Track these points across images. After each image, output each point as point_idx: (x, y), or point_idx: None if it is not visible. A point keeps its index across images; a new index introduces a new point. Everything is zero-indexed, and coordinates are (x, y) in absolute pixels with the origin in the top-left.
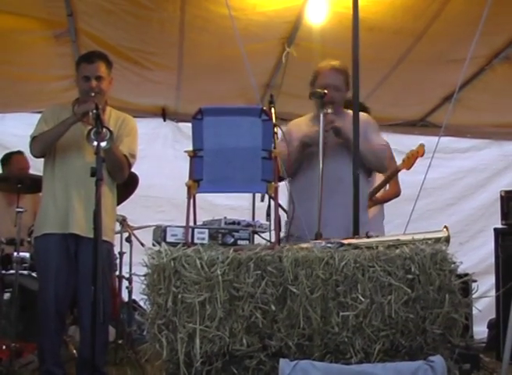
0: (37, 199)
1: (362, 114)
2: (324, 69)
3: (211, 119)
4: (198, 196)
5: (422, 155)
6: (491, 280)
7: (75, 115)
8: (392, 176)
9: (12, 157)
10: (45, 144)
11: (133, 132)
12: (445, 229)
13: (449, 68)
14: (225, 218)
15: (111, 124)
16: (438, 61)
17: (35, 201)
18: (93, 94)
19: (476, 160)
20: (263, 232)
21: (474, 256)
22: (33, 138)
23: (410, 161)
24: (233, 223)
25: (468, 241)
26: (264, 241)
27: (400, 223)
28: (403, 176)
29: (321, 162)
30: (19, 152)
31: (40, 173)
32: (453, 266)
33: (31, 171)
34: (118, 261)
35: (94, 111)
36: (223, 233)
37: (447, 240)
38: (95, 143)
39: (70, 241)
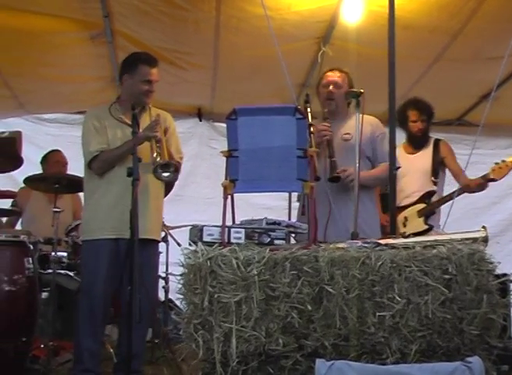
0: (77, 199)
1: (368, 116)
2: (326, 72)
3: (246, 119)
4: (235, 195)
5: None
6: None
7: (137, 137)
8: (481, 186)
9: (49, 155)
10: (109, 165)
11: (175, 130)
12: (483, 229)
13: (486, 66)
14: (265, 218)
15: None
16: (475, 59)
17: (74, 200)
18: (150, 97)
19: None
20: (302, 233)
21: None
22: (95, 157)
23: (502, 171)
24: (274, 223)
25: None
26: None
27: (443, 222)
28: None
29: (357, 160)
30: (56, 150)
31: (75, 173)
32: (490, 266)
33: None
34: None
35: (132, 112)
36: (259, 232)
37: (485, 240)
38: (164, 174)
39: (122, 242)
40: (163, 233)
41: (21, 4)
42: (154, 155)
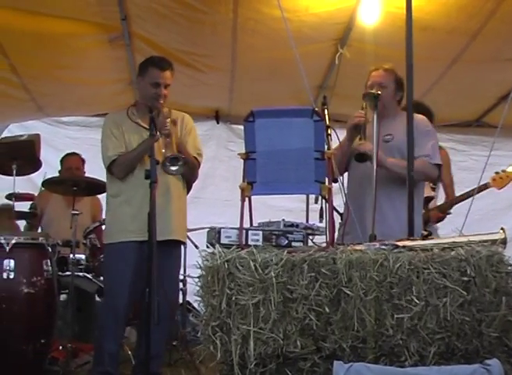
0: (96, 201)
1: (416, 115)
2: (371, 71)
3: (263, 121)
4: (253, 197)
5: None
6: None
7: (153, 135)
8: (478, 192)
9: (63, 159)
10: (130, 167)
11: (194, 130)
12: (502, 230)
13: (505, 67)
14: (283, 220)
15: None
16: (493, 60)
17: (94, 203)
18: (161, 101)
19: None
20: (320, 235)
21: None
22: (113, 161)
23: (502, 181)
24: (291, 225)
25: None
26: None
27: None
28: (464, 175)
29: (374, 162)
30: (72, 154)
31: (94, 176)
32: (509, 268)
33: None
34: None
35: (149, 114)
36: (277, 234)
37: (504, 242)
38: (172, 168)
39: (145, 245)
40: None
41: (39, 7)
42: (163, 150)
